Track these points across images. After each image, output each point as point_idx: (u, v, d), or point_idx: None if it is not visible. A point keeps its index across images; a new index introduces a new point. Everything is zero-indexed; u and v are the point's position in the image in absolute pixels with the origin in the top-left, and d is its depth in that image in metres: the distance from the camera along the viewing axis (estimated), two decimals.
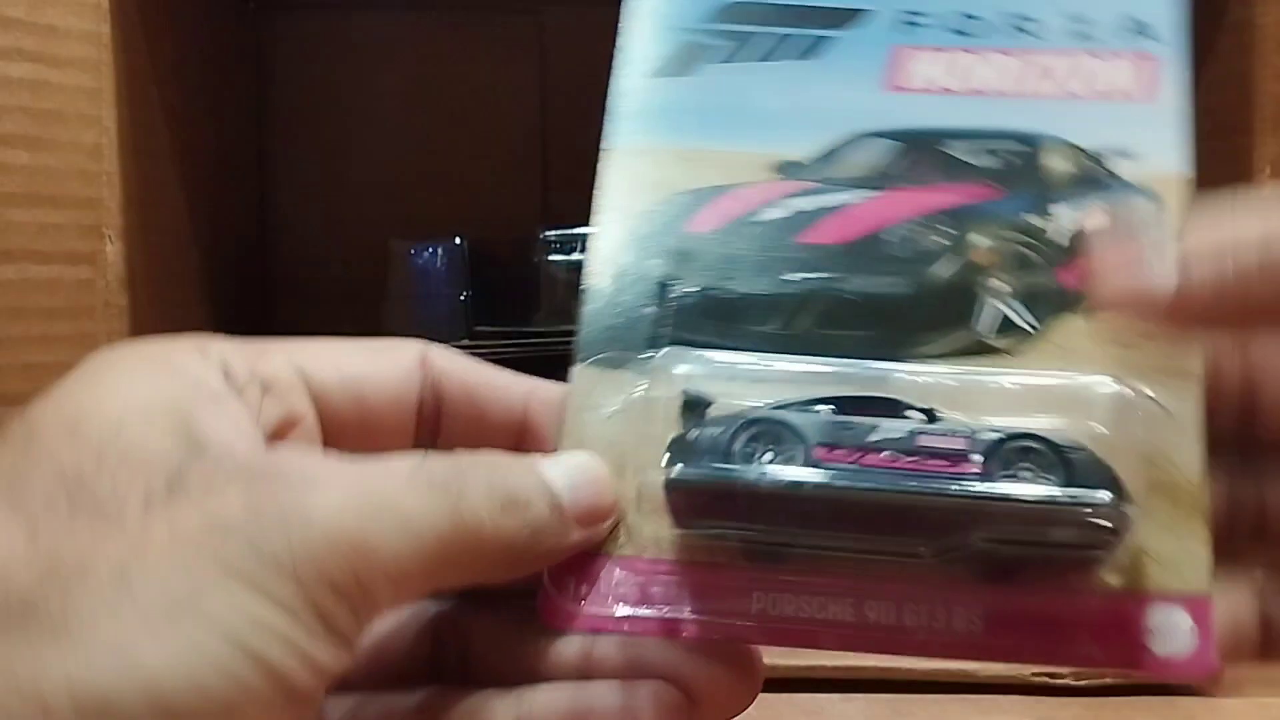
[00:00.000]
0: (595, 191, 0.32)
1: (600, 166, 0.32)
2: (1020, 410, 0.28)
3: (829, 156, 0.32)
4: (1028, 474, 0.27)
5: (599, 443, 0.29)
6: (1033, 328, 0.30)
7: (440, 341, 0.65)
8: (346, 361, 0.30)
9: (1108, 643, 0.27)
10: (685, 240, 0.31)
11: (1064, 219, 0.31)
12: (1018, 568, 0.27)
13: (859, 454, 0.27)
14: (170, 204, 0.66)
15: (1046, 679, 0.52)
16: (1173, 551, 0.27)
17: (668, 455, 0.28)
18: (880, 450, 0.27)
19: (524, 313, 0.69)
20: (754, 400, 0.29)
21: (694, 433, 0.28)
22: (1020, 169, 0.32)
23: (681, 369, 0.30)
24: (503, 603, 0.30)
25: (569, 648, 0.29)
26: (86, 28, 0.56)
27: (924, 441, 0.27)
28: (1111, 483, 0.27)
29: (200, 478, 0.24)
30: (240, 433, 0.26)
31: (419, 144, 0.84)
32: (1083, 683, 0.52)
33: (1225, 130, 0.59)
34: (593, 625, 0.28)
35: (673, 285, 0.31)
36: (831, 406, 0.28)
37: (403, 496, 0.25)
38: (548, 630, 0.29)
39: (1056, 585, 0.27)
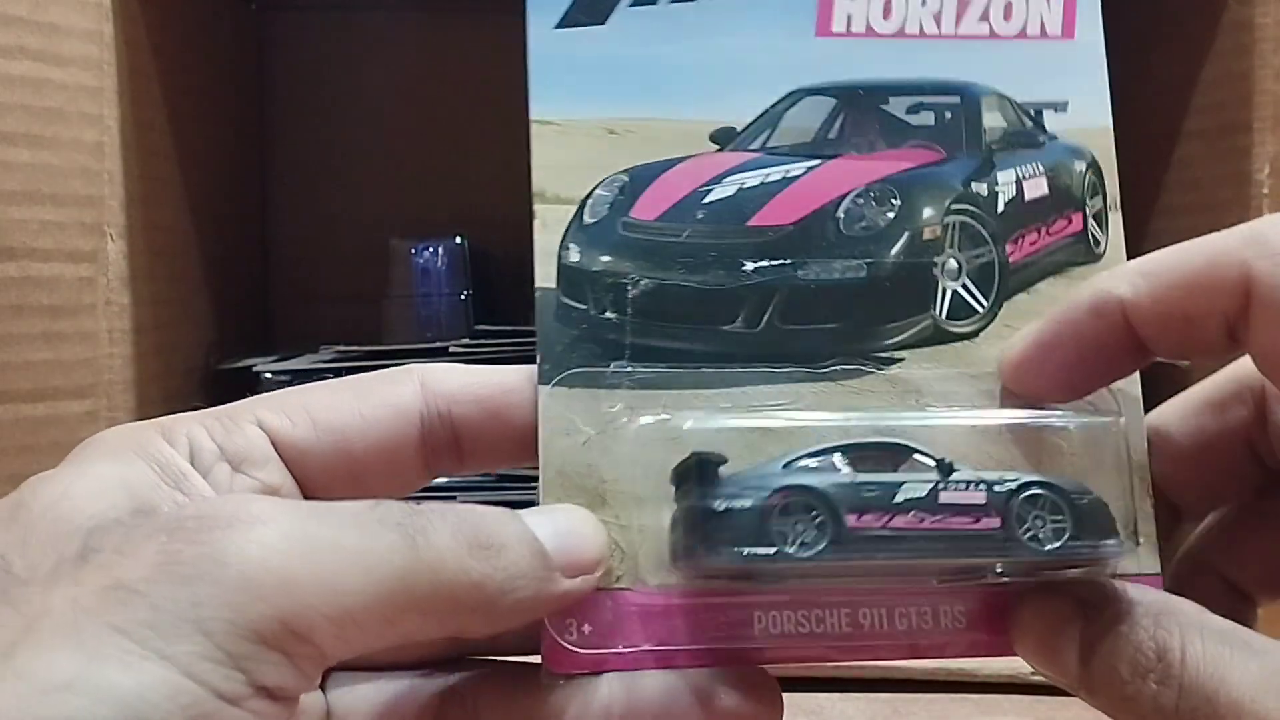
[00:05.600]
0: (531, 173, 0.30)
1: (531, 143, 0.30)
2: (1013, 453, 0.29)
3: (765, 120, 0.31)
4: (1039, 521, 0.27)
5: (578, 470, 0.28)
6: (985, 308, 0.30)
7: (440, 341, 0.66)
8: (327, 416, 0.28)
9: None
10: (632, 230, 0.30)
11: (1006, 184, 0.31)
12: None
13: (887, 516, 0.27)
14: (171, 203, 0.66)
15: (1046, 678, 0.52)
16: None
17: (693, 525, 0.27)
18: (907, 511, 0.27)
19: (524, 312, 0.69)
20: (766, 453, 0.28)
21: (720, 503, 0.27)
22: (959, 127, 0.32)
23: (688, 425, 0.28)
24: (510, 669, 0.29)
25: (580, 700, 0.27)
26: (88, 26, 0.56)
27: (946, 498, 0.27)
28: (1110, 522, 0.28)
29: (117, 539, 0.23)
30: None
31: (419, 144, 0.84)
32: None
33: (1225, 130, 0.59)
34: (599, 664, 0.27)
35: (627, 284, 0.29)
36: (843, 455, 0.28)
37: (347, 531, 0.23)
38: (558, 688, 0.27)
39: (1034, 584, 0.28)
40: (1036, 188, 0.32)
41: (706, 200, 0.30)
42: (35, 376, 0.54)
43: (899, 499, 0.27)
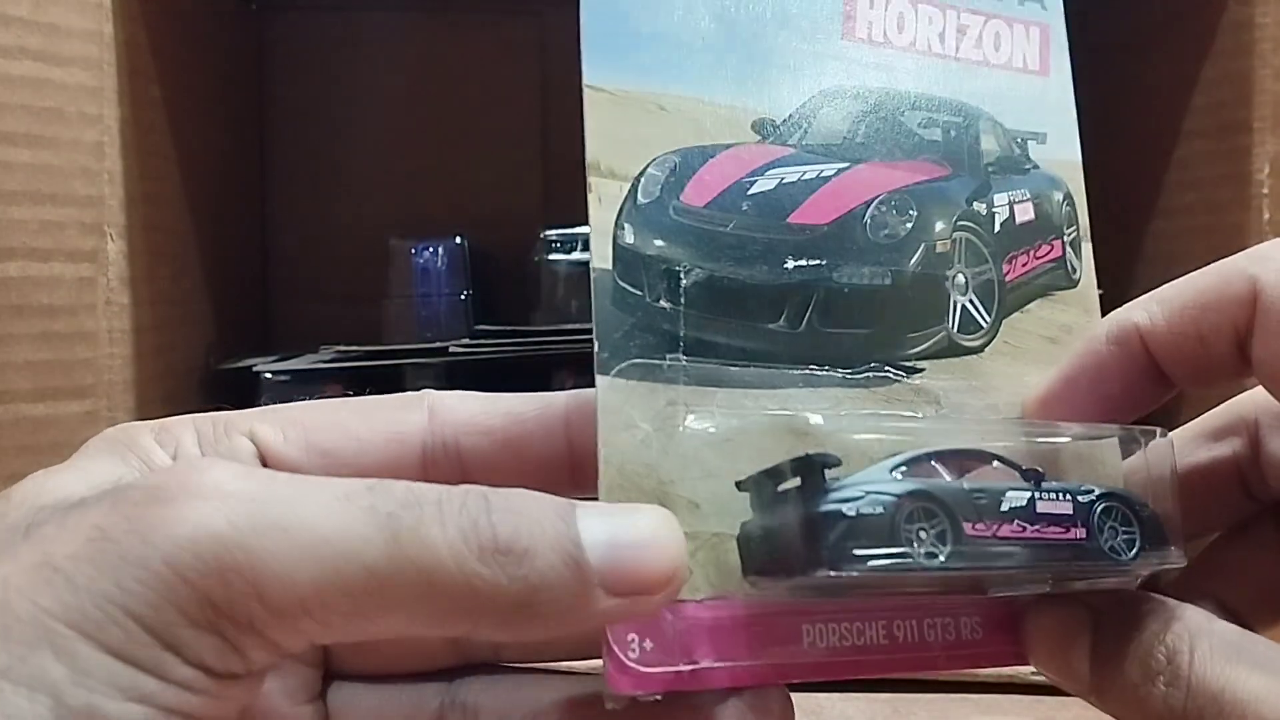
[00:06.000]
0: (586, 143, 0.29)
1: (585, 105, 0.29)
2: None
3: (801, 116, 0.31)
4: (1114, 531, 0.27)
5: (637, 470, 0.27)
6: (988, 324, 0.31)
7: (440, 341, 0.66)
8: (322, 436, 0.27)
9: None
10: (682, 216, 0.29)
11: (1000, 206, 0.32)
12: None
13: (997, 525, 0.26)
14: (171, 203, 0.66)
15: (1046, 678, 0.52)
16: None
17: (819, 531, 0.25)
18: (1012, 519, 0.26)
19: (524, 312, 0.69)
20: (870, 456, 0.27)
21: (851, 507, 0.25)
22: (960, 146, 0.33)
23: (814, 419, 0.27)
24: (516, 678, 0.29)
25: None
26: (88, 26, 0.56)
27: (1041, 508, 0.27)
28: (1166, 532, 0.28)
29: (63, 514, 0.22)
30: None
31: (419, 144, 0.84)
32: None
33: (1225, 130, 0.59)
34: (666, 684, 0.26)
35: (680, 272, 0.29)
36: (940, 461, 0.28)
37: (324, 514, 0.21)
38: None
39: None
40: (1025, 212, 0.33)
41: (751, 192, 0.30)
42: (35, 376, 0.54)
43: (1005, 507, 0.26)
